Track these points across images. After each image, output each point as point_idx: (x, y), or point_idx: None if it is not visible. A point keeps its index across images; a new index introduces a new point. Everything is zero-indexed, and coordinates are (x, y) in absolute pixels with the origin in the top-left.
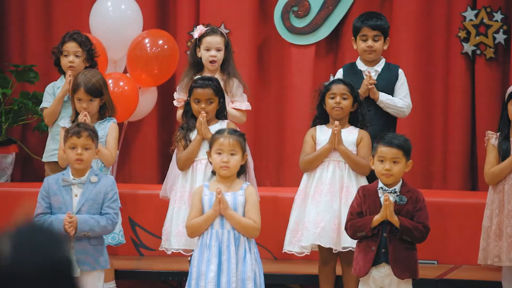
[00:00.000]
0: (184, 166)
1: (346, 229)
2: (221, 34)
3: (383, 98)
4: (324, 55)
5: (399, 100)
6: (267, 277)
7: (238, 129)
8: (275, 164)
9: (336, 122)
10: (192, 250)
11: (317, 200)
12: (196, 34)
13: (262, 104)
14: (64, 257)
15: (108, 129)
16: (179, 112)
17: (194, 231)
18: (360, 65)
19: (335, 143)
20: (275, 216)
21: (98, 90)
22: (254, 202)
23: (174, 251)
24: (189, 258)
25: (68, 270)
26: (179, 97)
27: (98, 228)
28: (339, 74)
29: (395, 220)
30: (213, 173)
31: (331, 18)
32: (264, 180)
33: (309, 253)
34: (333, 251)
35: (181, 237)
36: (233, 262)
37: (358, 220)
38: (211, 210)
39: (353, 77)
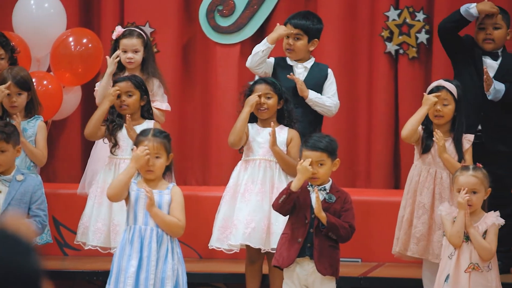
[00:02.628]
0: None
1: (273, 205)
2: (138, 35)
3: (312, 96)
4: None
5: (327, 99)
6: (192, 276)
7: (163, 130)
8: (201, 163)
9: (272, 123)
10: (110, 248)
11: (248, 199)
12: (114, 36)
13: (187, 103)
14: (32, 269)
15: (37, 128)
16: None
17: (115, 190)
18: (289, 60)
19: (270, 143)
20: (200, 215)
21: (27, 83)
22: (179, 202)
23: (91, 248)
24: None
25: (36, 284)
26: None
27: None
28: (271, 60)
29: (322, 215)
30: (139, 172)
31: (256, 17)
32: (189, 179)
33: (238, 251)
34: (262, 251)
35: (100, 234)
36: (153, 259)
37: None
38: (132, 168)
39: (283, 70)
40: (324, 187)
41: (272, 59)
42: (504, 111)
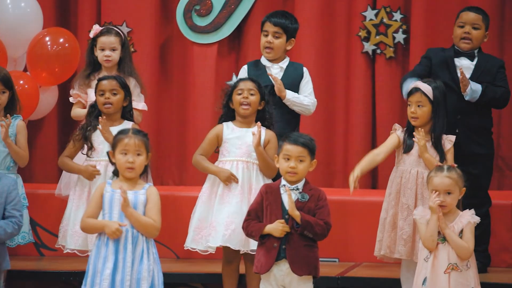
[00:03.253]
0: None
1: (242, 228)
2: (116, 33)
3: (290, 96)
4: (227, 54)
5: (304, 98)
6: (169, 276)
7: (141, 130)
8: (178, 163)
9: (258, 123)
10: (88, 251)
11: (227, 200)
12: (91, 34)
13: (164, 103)
14: None
15: (16, 128)
16: (75, 110)
17: (86, 230)
18: (264, 61)
19: (255, 143)
20: (177, 216)
21: (10, 82)
22: (155, 202)
23: (69, 251)
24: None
25: None
26: (74, 93)
27: (5, 235)
28: (244, 70)
29: (296, 214)
30: (114, 173)
31: (233, 17)
32: (166, 179)
33: (214, 252)
34: (241, 252)
35: (78, 238)
36: (128, 261)
37: (252, 224)
38: (108, 224)
39: (257, 73)
40: (297, 186)
41: (245, 68)
42: (479, 113)
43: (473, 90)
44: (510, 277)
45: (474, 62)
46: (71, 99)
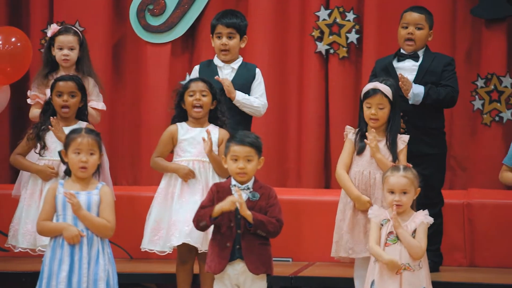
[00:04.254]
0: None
1: (193, 221)
2: (75, 33)
3: (239, 97)
4: (180, 54)
5: (255, 99)
6: (123, 276)
7: (94, 129)
8: (132, 163)
9: (208, 130)
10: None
11: (186, 200)
12: (49, 33)
13: (117, 103)
14: None
15: None
16: (33, 111)
17: (43, 233)
18: (216, 61)
19: (207, 150)
20: (131, 216)
21: None
22: (109, 202)
23: (21, 250)
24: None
25: None
26: (32, 94)
27: None
28: (195, 70)
29: (247, 214)
30: (66, 173)
31: (187, 16)
32: (120, 179)
33: (171, 252)
34: (199, 251)
35: (30, 236)
36: (85, 262)
37: (202, 210)
38: (67, 228)
39: (209, 73)
40: (247, 185)
41: (196, 68)
42: (427, 114)
43: (415, 94)
44: (462, 276)
45: (418, 63)
46: (29, 101)
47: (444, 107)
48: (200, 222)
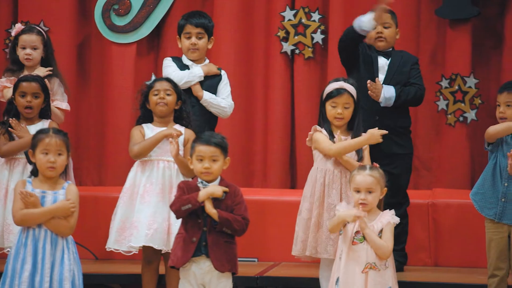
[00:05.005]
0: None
1: (171, 205)
2: (38, 32)
3: (207, 97)
4: (146, 54)
5: (222, 100)
6: (88, 277)
7: (60, 129)
8: (96, 164)
9: (174, 134)
10: (3, 248)
11: (148, 200)
12: (13, 33)
13: (82, 103)
14: None
15: None
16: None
17: (25, 222)
18: (186, 61)
19: (174, 153)
20: (96, 216)
21: None
22: (72, 200)
23: None
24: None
25: None
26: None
27: None
28: (168, 60)
29: (213, 212)
30: (33, 173)
31: (152, 16)
32: (85, 179)
33: (137, 252)
34: (162, 252)
35: None
36: (48, 262)
37: (184, 196)
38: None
39: (181, 69)
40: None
41: (169, 59)
42: (397, 114)
43: (387, 98)
44: (427, 276)
45: (388, 62)
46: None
47: (413, 106)
48: (183, 205)
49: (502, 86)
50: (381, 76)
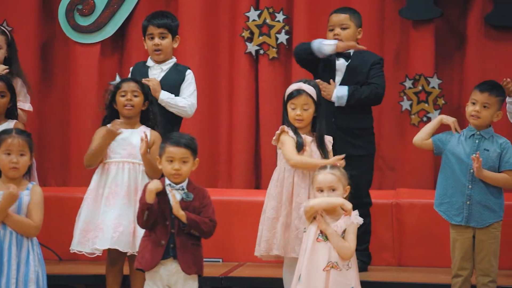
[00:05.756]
0: None
1: (137, 222)
2: (2, 32)
3: (163, 97)
4: (110, 54)
5: (181, 100)
6: (52, 278)
7: (24, 130)
8: (60, 164)
9: (142, 135)
10: None
11: (113, 202)
12: None
13: (46, 103)
14: None
15: None
16: None
17: None
18: (148, 62)
19: (142, 151)
20: (60, 217)
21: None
22: (36, 201)
23: None
24: None
25: None
26: None
27: None
28: (130, 70)
29: (181, 214)
30: None
31: (116, 16)
32: (49, 180)
33: (101, 254)
34: (127, 253)
35: None
36: (13, 263)
37: (139, 207)
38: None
39: (140, 74)
40: (182, 186)
41: (131, 70)
42: (350, 116)
43: (339, 96)
44: (390, 276)
45: (347, 63)
46: None
47: (371, 105)
48: (143, 216)
49: (484, 86)
50: (339, 78)
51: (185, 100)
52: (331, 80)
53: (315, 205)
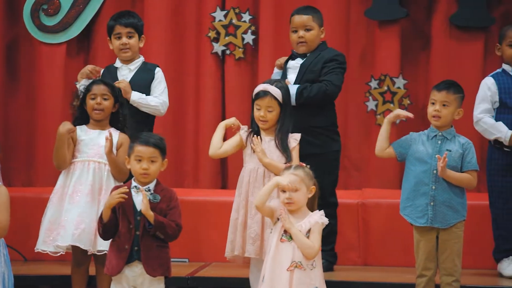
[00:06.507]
0: None
1: (99, 235)
2: None
3: (135, 97)
4: (76, 54)
5: (152, 99)
6: (17, 279)
7: None
8: (26, 164)
9: (107, 132)
10: None
11: (77, 200)
12: None
13: (12, 103)
14: None
15: None
16: None
17: None
18: (116, 63)
19: (107, 150)
20: (26, 217)
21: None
22: (3, 202)
23: None
24: None
25: None
26: None
27: None
28: (102, 75)
29: (150, 214)
30: None
31: (82, 16)
32: (14, 180)
33: (63, 253)
34: (89, 253)
35: None
36: None
37: (99, 219)
38: None
39: (109, 76)
40: (148, 187)
41: (101, 72)
42: (308, 114)
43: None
44: (356, 275)
45: (302, 61)
46: None
47: (322, 103)
48: (99, 230)
49: (441, 85)
50: (293, 76)
51: (156, 99)
52: (286, 80)
53: (258, 199)
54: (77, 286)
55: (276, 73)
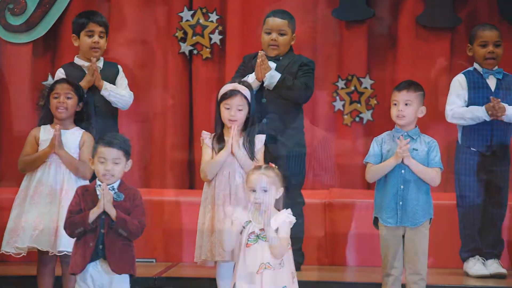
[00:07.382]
0: None
1: (65, 228)
2: None
3: (107, 85)
4: (42, 54)
5: (121, 90)
6: None
7: None
8: None
9: (57, 127)
10: None
11: (37, 201)
12: None
13: None
14: None
15: None
16: None
17: None
18: (78, 61)
19: (56, 146)
20: None
21: None
22: None
23: None
24: None
25: None
26: None
27: None
28: (60, 73)
29: (112, 212)
30: None
31: (48, 16)
32: None
33: (25, 254)
34: (50, 254)
35: None
36: None
37: (76, 217)
38: None
39: (75, 74)
40: (112, 186)
41: (61, 70)
42: (282, 115)
43: (272, 75)
44: (323, 275)
45: (277, 64)
46: None
47: (295, 99)
48: (76, 229)
49: (401, 85)
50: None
51: (124, 91)
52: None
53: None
54: (43, 286)
55: (251, 77)
